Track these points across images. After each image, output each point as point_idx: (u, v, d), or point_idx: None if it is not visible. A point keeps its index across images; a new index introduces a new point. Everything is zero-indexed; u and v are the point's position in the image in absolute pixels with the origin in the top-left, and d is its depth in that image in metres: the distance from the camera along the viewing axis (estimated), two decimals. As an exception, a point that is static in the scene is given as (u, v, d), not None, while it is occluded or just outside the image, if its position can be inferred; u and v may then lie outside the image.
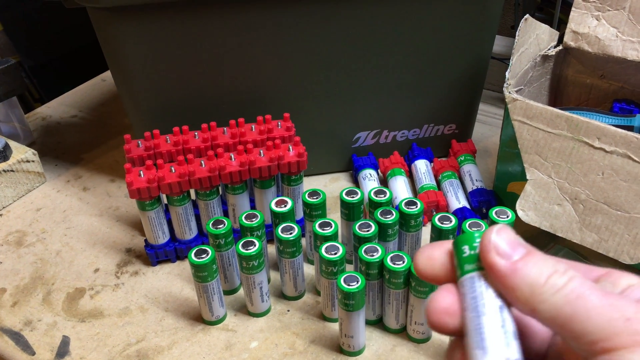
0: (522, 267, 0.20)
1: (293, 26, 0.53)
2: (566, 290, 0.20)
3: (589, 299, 0.19)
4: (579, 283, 0.20)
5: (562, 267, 0.20)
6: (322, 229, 0.46)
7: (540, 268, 0.20)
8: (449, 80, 0.60)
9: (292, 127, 0.54)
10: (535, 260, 0.21)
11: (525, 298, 0.20)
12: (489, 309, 0.21)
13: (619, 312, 0.19)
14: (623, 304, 0.19)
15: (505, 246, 0.21)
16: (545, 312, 0.20)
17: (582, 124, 0.45)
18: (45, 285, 0.53)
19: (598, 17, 0.54)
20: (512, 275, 0.20)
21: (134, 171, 0.49)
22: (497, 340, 0.20)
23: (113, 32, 0.51)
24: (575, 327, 0.19)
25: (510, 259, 0.21)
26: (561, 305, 0.19)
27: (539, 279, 0.20)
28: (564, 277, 0.20)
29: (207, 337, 0.47)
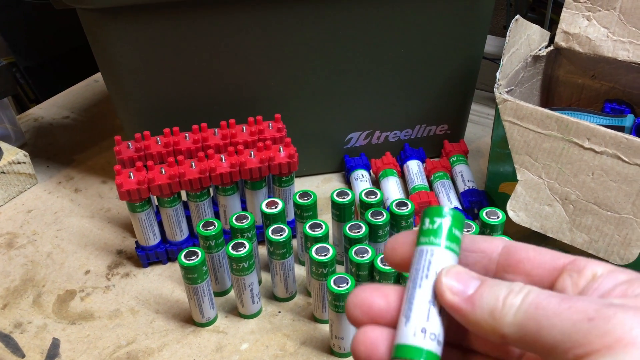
0: (478, 298, 0.20)
1: (284, 27, 0.53)
2: (524, 305, 0.19)
3: (548, 306, 0.19)
4: (535, 294, 0.19)
5: (517, 286, 0.20)
6: (313, 230, 0.46)
7: (495, 293, 0.20)
8: (441, 80, 0.60)
9: (283, 128, 0.54)
10: (489, 287, 0.21)
11: (490, 327, 0.20)
12: (424, 283, 0.21)
13: (580, 312, 0.18)
14: (582, 304, 0.18)
15: (457, 284, 0.21)
16: (513, 333, 0.19)
17: (572, 124, 0.45)
18: (35, 287, 0.52)
19: (589, 17, 0.54)
20: (472, 309, 0.20)
21: (124, 173, 0.49)
22: (421, 312, 0.21)
23: (102, 33, 0.51)
24: (544, 340, 0.19)
25: (465, 295, 0.21)
26: (524, 321, 0.19)
27: (496, 304, 0.20)
28: (520, 295, 0.20)
29: (197, 338, 0.47)
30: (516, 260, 0.22)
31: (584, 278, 0.21)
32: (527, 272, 0.22)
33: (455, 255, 0.22)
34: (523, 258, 0.22)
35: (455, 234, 0.23)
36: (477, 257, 0.23)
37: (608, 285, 0.20)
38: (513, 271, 0.22)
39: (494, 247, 0.23)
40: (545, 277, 0.22)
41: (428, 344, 0.21)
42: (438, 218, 0.23)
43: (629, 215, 0.44)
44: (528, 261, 0.22)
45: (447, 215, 0.23)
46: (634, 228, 0.44)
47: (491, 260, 0.23)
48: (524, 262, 0.22)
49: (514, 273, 0.22)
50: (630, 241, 0.44)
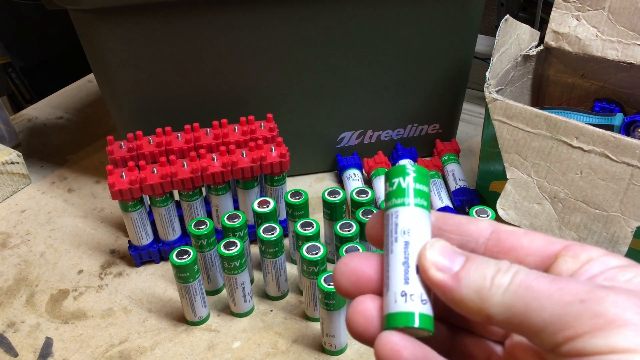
0: (465, 276, 0.20)
1: (276, 26, 0.53)
2: (513, 286, 0.19)
3: (538, 288, 0.18)
4: (524, 274, 0.19)
5: (505, 265, 0.20)
6: (304, 229, 0.46)
7: (483, 271, 0.19)
8: (433, 80, 0.60)
9: (275, 127, 0.54)
10: (476, 265, 0.20)
11: (476, 306, 0.19)
12: (395, 247, 0.21)
13: (571, 294, 0.18)
14: (574, 286, 0.18)
15: (442, 260, 0.20)
16: (500, 314, 0.19)
17: (560, 123, 0.46)
18: (28, 286, 0.53)
19: (578, 17, 0.55)
20: (457, 287, 0.20)
21: (116, 172, 0.49)
22: (397, 277, 0.20)
23: (94, 33, 0.51)
24: (532, 322, 0.18)
25: (451, 272, 0.20)
26: (512, 302, 0.18)
27: (483, 283, 0.19)
28: (508, 274, 0.19)
29: (189, 337, 0.47)
30: (507, 247, 0.22)
31: (578, 263, 0.20)
32: (520, 259, 0.21)
33: (424, 210, 0.21)
34: (515, 245, 0.22)
35: (418, 189, 0.21)
36: (463, 241, 0.22)
37: (598, 268, 0.20)
38: (504, 258, 0.21)
39: (482, 231, 0.22)
40: (538, 264, 0.21)
41: (411, 305, 0.20)
42: (396, 178, 0.22)
43: (617, 213, 0.44)
44: (521, 248, 0.21)
45: (405, 172, 0.22)
46: (621, 226, 0.44)
47: (478, 244, 0.22)
48: (516, 249, 0.22)
49: (500, 257, 0.21)
50: (618, 239, 0.44)
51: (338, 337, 0.44)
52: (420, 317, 0.20)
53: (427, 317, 0.20)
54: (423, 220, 0.21)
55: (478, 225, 0.22)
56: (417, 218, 0.21)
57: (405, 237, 0.21)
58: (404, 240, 0.21)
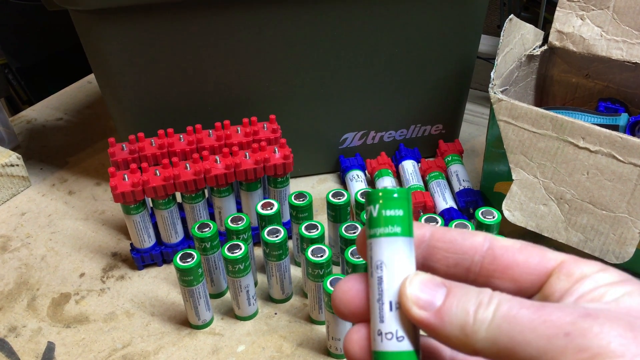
0: (447, 313, 0.19)
1: (278, 27, 0.52)
2: (497, 320, 0.18)
3: (522, 320, 0.18)
4: (507, 306, 0.19)
5: (486, 297, 0.19)
6: (309, 232, 0.46)
7: (464, 305, 0.19)
8: (436, 80, 0.60)
9: (278, 128, 0.54)
10: (457, 298, 0.19)
11: (462, 342, 0.19)
12: (371, 281, 0.21)
13: (555, 327, 0.17)
14: (558, 317, 0.18)
15: (423, 295, 0.20)
16: (486, 349, 0.18)
17: (566, 123, 0.45)
18: (30, 290, 0.52)
19: (582, 16, 0.54)
20: (441, 325, 0.19)
21: (118, 175, 0.48)
22: (374, 314, 0.20)
23: (95, 34, 0.50)
24: (520, 356, 0.18)
25: (433, 308, 0.19)
26: (497, 336, 0.18)
27: (466, 319, 0.19)
28: (490, 307, 0.19)
29: (193, 341, 0.47)
30: (503, 265, 0.21)
31: (572, 281, 0.20)
32: (515, 278, 0.21)
33: (398, 237, 0.20)
34: (511, 263, 0.21)
35: (389, 216, 0.20)
36: (458, 259, 0.22)
37: (588, 287, 0.19)
38: (500, 277, 0.21)
39: (477, 247, 0.22)
40: (534, 282, 0.21)
41: (387, 345, 0.20)
42: (369, 205, 0.21)
43: (624, 214, 0.44)
44: (517, 267, 0.21)
45: (375, 199, 0.21)
46: (629, 227, 0.44)
47: (474, 262, 0.22)
48: (512, 267, 0.21)
49: (500, 279, 0.21)
50: (626, 240, 0.44)
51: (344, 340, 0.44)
52: (398, 355, 0.20)
53: (405, 353, 0.20)
54: (396, 250, 0.20)
55: (473, 242, 0.22)
56: (390, 249, 0.20)
57: (378, 272, 0.20)
58: (377, 275, 0.20)
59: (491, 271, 0.21)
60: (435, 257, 0.22)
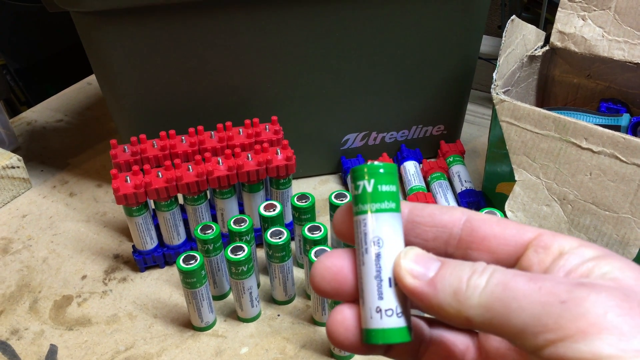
0: (440, 280, 0.19)
1: (280, 28, 0.52)
2: (490, 286, 0.18)
3: (516, 287, 0.18)
4: (501, 274, 0.18)
5: (480, 266, 0.19)
6: (312, 233, 0.46)
7: (458, 274, 0.19)
8: (437, 81, 0.60)
9: (280, 130, 0.54)
10: (451, 268, 0.19)
11: (454, 310, 0.19)
12: (366, 258, 0.20)
13: (551, 294, 0.17)
14: (553, 285, 0.17)
15: (417, 267, 0.20)
16: (479, 316, 0.18)
17: (569, 124, 0.45)
18: (31, 293, 0.52)
19: (584, 17, 0.54)
20: (434, 293, 0.19)
21: (121, 177, 0.48)
22: (371, 291, 0.20)
23: (97, 36, 0.50)
24: (512, 323, 0.18)
25: (426, 278, 0.19)
26: (490, 302, 0.18)
27: (459, 285, 0.19)
28: (484, 275, 0.19)
29: (196, 343, 0.47)
30: (480, 237, 0.21)
31: (550, 255, 0.20)
32: (492, 249, 0.21)
33: (392, 213, 0.20)
34: (488, 234, 0.21)
35: (385, 191, 0.20)
36: (437, 232, 0.22)
37: (574, 262, 0.19)
38: (477, 248, 0.21)
39: (455, 221, 0.22)
40: (511, 253, 0.21)
41: (387, 322, 0.20)
42: (360, 180, 0.20)
43: (627, 214, 0.44)
44: (493, 237, 0.21)
45: (369, 174, 0.20)
46: (632, 227, 0.44)
47: (452, 235, 0.22)
48: (488, 238, 0.21)
49: (477, 250, 0.21)
50: (629, 240, 0.44)
51: (347, 342, 0.44)
52: (397, 332, 0.20)
53: (403, 329, 0.20)
54: (393, 226, 0.20)
55: (452, 215, 0.22)
56: (387, 225, 0.20)
57: (375, 248, 0.20)
58: (374, 251, 0.20)
59: (469, 243, 0.21)
60: (414, 231, 0.22)
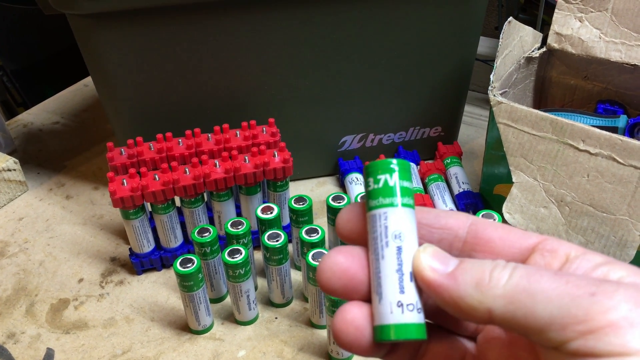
0: (461, 273, 0.19)
1: (276, 30, 0.52)
2: (515, 278, 0.18)
3: (542, 279, 0.17)
4: (524, 269, 0.18)
5: (502, 262, 0.19)
6: (309, 236, 0.46)
7: (481, 266, 0.19)
8: (434, 82, 0.60)
9: (277, 132, 0.53)
10: (471, 263, 0.19)
11: (476, 302, 0.18)
12: (387, 252, 0.20)
13: (579, 287, 0.17)
14: (579, 279, 0.17)
15: (436, 262, 0.20)
16: (502, 308, 0.18)
17: (566, 126, 0.45)
18: (28, 296, 0.52)
19: (581, 18, 0.54)
20: (455, 285, 0.19)
21: (117, 180, 0.48)
22: (392, 285, 0.19)
23: (93, 38, 0.50)
24: (538, 315, 0.17)
25: (445, 271, 0.19)
26: (516, 294, 0.17)
27: (482, 276, 0.18)
28: (507, 268, 0.18)
29: (194, 346, 0.47)
30: (485, 239, 0.21)
31: (557, 259, 0.20)
32: (497, 251, 0.21)
33: (411, 209, 0.20)
34: (493, 237, 0.21)
35: (405, 187, 0.20)
36: (443, 234, 0.22)
37: (586, 266, 0.19)
38: (482, 250, 0.21)
39: (461, 224, 0.22)
40: (515, 256, 0.21)
41: (409, 317, 0.19)
42: (382, 174, 0.20)
43: (625, 216, 0.44)
44: (499, 239, 0.21)
45: (392, 169, 0.20)
46: (629, 229, 0.44)
47: (457, 237, 0.22)
48: (493, 240, 0.21)
49: (482, 252, 0.21)
50: (627, 242, 0.44)
51: (345, 345, 0.44)
52: (417, 327, 0.19)
53: (422, 326, 0.20)
54: (412, 221, 0.20)
55: (457, 218, 0.22)
56: (408, 220, 0.20)
57: (397, 242, 0.20)
58: (396, 245, 0.20)
59: (474, 245, 0.21)
60: (419, 232, 0.21)
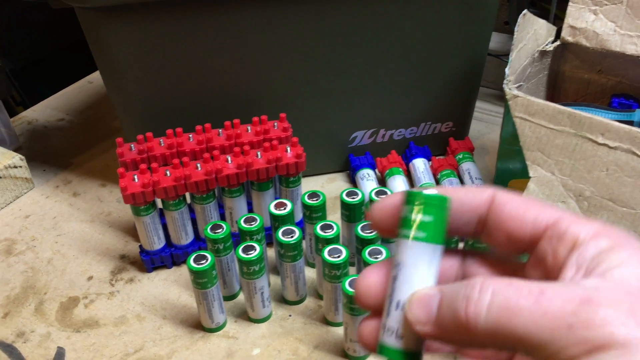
0: (442, 319, 0.20)
1: (287, 24, 0.51)
2: (493, 314, 0.18)
3: (521, 313, 0.18)
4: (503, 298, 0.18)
5: (475, 291, 0.19)
6: (324, 232, 0.45)
7: (454, 306, 0.19)
8: (446, 77, 0.59)
9: (288, 127, 0.53)
10: (446, 301, 0.20)
11: (466, 340, 0.19)
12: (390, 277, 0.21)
13: (557, 319, 0.17)
14: (559, 306, 0.18)
15: (422, 313, 0.20)
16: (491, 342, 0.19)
17: (585, 119, 0.45)
18: (37, 294, 0.51)
19: (595, 11, 0.54)
20: (443, 333, 0.20)
21: (128, 175, 0.47)
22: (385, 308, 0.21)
23: (102, 32, 0.49)
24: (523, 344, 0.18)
25: (430, 321, 0.20)
26: (498, 330, 0.18)
27: (459, 320, 0.19)
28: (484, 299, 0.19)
29: (207, 345, 0.46)
30: (501, 219, 0.22)
31: (563, 246, 0.20)
32: (509, 233, 0.22)
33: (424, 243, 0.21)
34: (508, 219, 0.22)
35: (423, 221, 0.21)
36: (468, 217, 0.23)
37: (587, 255, 0.19)
38: (497, 229, 0.22)
39: (484, 202, 0.22)
40: (527, 241, 0.21)
41: (387, 340, 0.21)
42: (407, 205, 0.21)
43: (645, 210, 0.43)
44: (512, 222, 0.21)
45: (413, 201, 0.21)
46: (650, 224, 0.43)
47: (481, 215, 0.22)
48: (507, 224, 0.22)
49: (497, 230, 0.22)
50: (647, 237, 0.43)
51: (362, 342, 0.43)
52: (394, 352, 0.21)
53: (398, 351, 0.21)
54: (419, 255, 0.21)
55: (482, 197, 0.22)
56: (410, 253, 0.21)
57: (394, 271, 0.21)
58: (393, 273, 0.21)
59: (493, 222, 0.22)
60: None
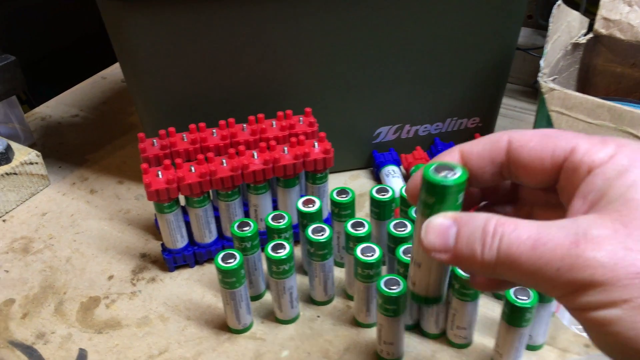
0: (460, 252, 0.23)
1: (311, 17, 0.50)
2: (501, 259, 0.22)
3: (520, 259, 0.21)
4: (506, 245, 0.21)
5: (489, 236, 0.22)
6: (355, 230, 0.43)
7: (472, 246, 0.22)
8: (474, 71, 0.57)
9: (314, 122, 0.51)
10: (465, 238, 0.23)
11: (481, 272, 0.23)
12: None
13: (548, 263, 0.21)
14: (550, 250, 0.21)
15: (438, 242, 0.23)
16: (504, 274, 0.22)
17: (626, 113, 0.43)
18: (56, 294, 0.49)
19: (630, 2, 0.52)
20: (459, 262, 0.23)
21: (152, 171, 0.46)
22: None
23: (124, 24, 0.48)
24: (526, 284, 0.22)
25: (448, 250, 0.23)
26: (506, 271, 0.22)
27: (474, 258, 0.22)
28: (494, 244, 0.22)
29: (234, 346, 0.44)
30: (521, 163, 0.25)
31: (578, 176, 0.22)
32: (532, 173, 0.24)
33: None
34: (527, 161, 0.24)
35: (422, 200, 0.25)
36: (491, 169, 0.26)
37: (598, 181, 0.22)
38: (520, 171, 0.25)
39: (502, 152, 0.25)
40: (550, 175, 0.24)
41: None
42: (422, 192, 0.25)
43: (690, 208, 0.41)
44: (531, 163, 0.24)
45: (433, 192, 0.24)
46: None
47: (503, 163, 0.25)
48: (528, 164, 0.24)
49: (521, 172, 0.25)
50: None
51: (397, 344, 0.41)
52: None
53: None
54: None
55: (498, 147, 0.25)
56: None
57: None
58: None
59: (513, 168, 0.25)
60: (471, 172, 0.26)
